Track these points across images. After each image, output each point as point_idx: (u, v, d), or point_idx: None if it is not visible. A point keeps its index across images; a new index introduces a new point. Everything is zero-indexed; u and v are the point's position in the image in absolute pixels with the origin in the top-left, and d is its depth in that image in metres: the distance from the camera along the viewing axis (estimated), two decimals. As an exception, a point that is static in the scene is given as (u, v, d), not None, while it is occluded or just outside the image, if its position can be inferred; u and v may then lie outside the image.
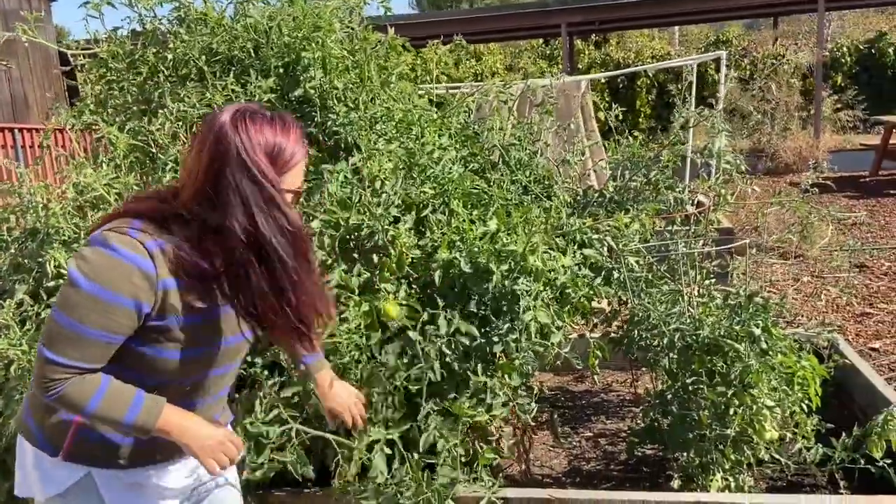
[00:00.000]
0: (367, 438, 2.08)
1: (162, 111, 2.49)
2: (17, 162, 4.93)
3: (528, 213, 2.54)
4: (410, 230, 2.35)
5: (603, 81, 14.75)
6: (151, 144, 2.48)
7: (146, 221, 1.30)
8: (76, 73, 3.14)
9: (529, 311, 2.18)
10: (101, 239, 1.27)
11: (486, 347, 2.21)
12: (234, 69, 2.60)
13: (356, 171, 2.42)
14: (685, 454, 2.42)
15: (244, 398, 2.23)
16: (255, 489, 2.22)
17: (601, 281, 2.60)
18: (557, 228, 2.65)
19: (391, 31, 3.01)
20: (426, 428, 2.12)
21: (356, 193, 2.33)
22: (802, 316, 4.50)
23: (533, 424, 2.62)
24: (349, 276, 2.26)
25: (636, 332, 2.57)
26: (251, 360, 2.23)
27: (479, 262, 2.25)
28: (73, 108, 2.79)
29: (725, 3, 12.35)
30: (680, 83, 3.61)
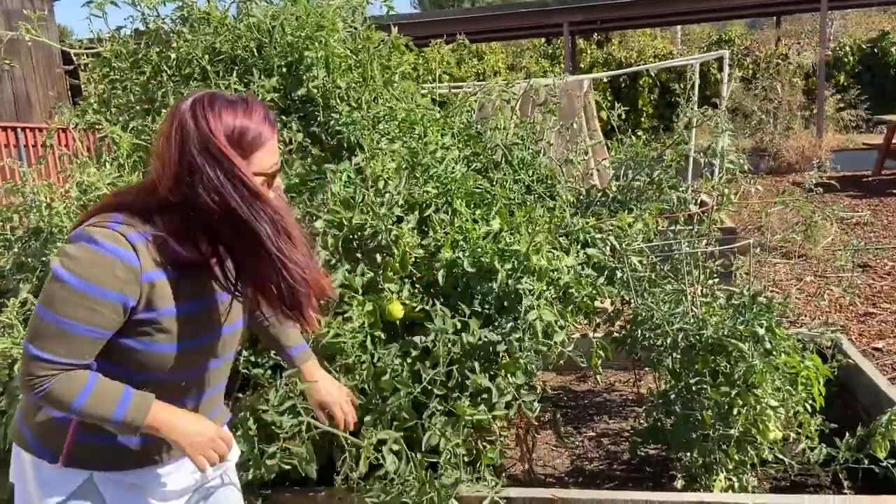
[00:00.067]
0: (375, 437, 2.08)
1: (165, 110, 2.49)
2: (20, 161, 4.95)
3: (531, 212, 2.54)
4: (414, 230, 2.35)
5: (605, 81, 14.74)
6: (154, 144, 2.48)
7: (129, 214, 1.29)
8: (79, 72, 3.15)
9: (534, 310, 2.18)
10: (83, 234, 1.26)
11: (489, 347, 2.21)
12: (237, 68, 2.60)
13: (359, 170, 2.42)
14: (688, 454, 2.42)
15: (247, 398, 2.23)
16: (259, 489, 2.22)
17: (604, 280, 2.60)
18: (560, 228, 2.65)
19: (394, 30, 3.01)
20: (430, 427, 2.12)
21: (359, 193, 2.33)
22: (806, 316, 4.49)
23: (536, 424, 2.61)
24: (353, 275, 2.26)
25: (639, 331, 2.56)
26: (254, 360, 2.23)
27: (482, 261, 2.25)
28: (76, 107, 2.80)
29: (727, 2, 12.32)
30: (682, 82, 3.61)
